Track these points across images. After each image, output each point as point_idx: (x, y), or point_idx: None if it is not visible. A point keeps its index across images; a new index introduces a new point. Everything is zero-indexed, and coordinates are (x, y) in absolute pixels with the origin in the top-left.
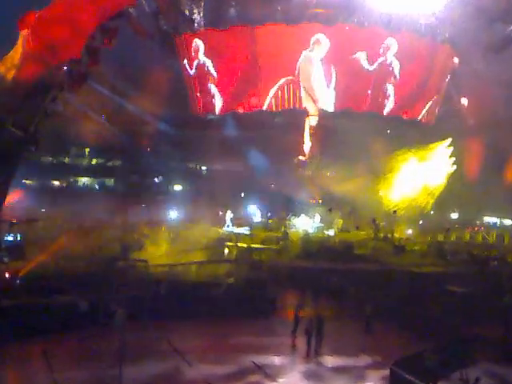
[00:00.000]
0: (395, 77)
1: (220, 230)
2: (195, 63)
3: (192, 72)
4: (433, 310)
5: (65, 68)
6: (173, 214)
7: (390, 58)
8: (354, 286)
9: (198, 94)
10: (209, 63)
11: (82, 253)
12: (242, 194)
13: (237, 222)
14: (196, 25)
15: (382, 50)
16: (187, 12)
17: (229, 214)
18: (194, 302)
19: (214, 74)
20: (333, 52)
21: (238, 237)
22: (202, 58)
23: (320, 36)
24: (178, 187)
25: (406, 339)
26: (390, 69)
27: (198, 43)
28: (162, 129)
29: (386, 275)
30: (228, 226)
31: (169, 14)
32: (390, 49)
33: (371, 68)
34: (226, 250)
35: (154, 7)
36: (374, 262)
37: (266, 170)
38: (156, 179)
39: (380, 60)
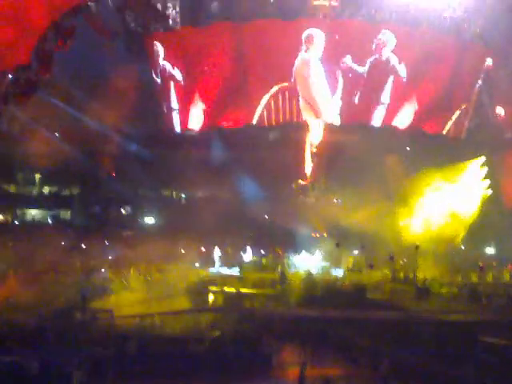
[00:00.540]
0: (414, 83)
1: (202, 272)
2: (168, 68)
3: (164, 79)
4: (466, 368)
5: (10, 76)
6: (144, 253)
7: (405, 60)
8: (368, 340)
9: (173, 106)
10: (185, 68)
11: (31, 303)
12: (229, 227)
13: (225, 261)
14: (170, 22)
15: (394, 50)
16: (160, 6)
17: (217, 252)
18: (171, 361)
19: (192, 81)
20: (338, 52)
21: (225, 279)
22: (176, 62)
23: (312, 32)
24: (150, 220)
25: None
26: (407, 74)
27: (172, 44)
28: (129, 148)
29: (406, 325)
30: (216, 267)
31: (137, 9)
32: (405, 49)
33: (384, 72)
34: (211, 297)
35: (120, 1)
36: (393, 308)
37: (259, 197)
38: (123, 210)
39: (394, 62)
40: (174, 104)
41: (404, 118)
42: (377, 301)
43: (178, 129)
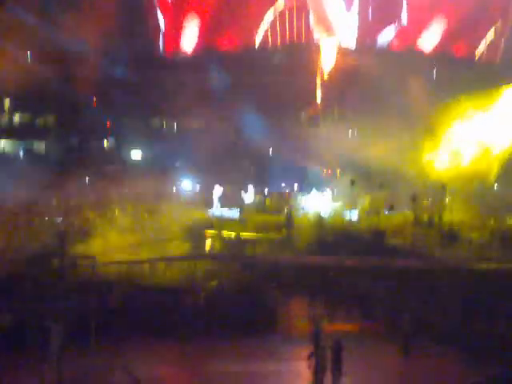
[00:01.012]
0: None
1: (197, 214)
2: None
3: None
4: (499, 323)
5: None
6: (131, 192)
7: None
8: (387, 291)
9: (163, 23)
10: None
11: (2, 247)
12: (228, 163)
13: (223, 201)
14: None
15: None
16: None
17: (216, 191)
18: (161, 315)
19: None
20: None
21: (223, 222)
22: None
23: None
24: (136, 153)
25: (461, 367)
26: None
27: None
28: (113, 71)
29: (431, 275)
30: (215, 208)
31: None
32: None
33: None
34: (207, 242)
35: None
36: (415, 256)
37: (262, 129)
38: (105, 142)
39: None
40: (163, 22)
41: (429, 39)
42: (397, 247)
43: (168, 51)
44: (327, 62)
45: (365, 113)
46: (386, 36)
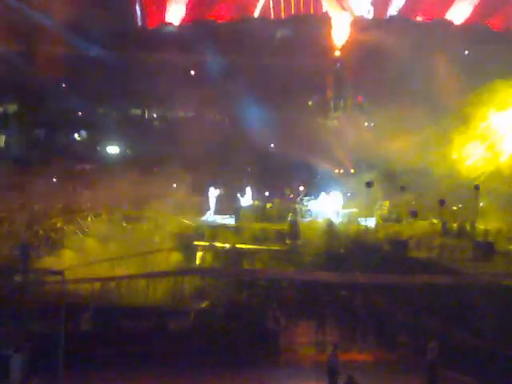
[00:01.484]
0: None
1: (186, 221)
2: None
3: None
4: None
5: None
6: (107, 195)
7: None
8: (409, 313)
9: None
10: None
11: None
12: (222, 160)
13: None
14: None
15: None
16: None
17: (213, 194)
18: (141, 340)
19: None
20: None
21: (216, 231)
22: None
23: None
24: (113, 148)
25: None
26: None
27: None
28: (85, 49)
29: (461, 293)
30: (209, 214)
31: None
32: None
33: None
34: (198, 254)
35: None
36: (443, 271)
37: (262, 120)
38: (77, 136)
39: None
40: None
41: (460, 10)
42: (421, 261)
43: (150, 24)
44: (340, 37)
45: (384, 101)
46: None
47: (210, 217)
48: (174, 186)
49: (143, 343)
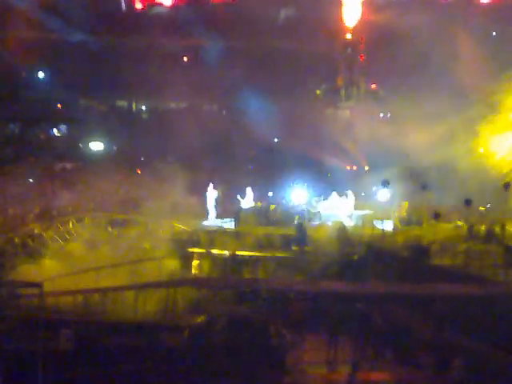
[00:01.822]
0: None
1: (179, 225)
2: None
3: None
4: None
5: None
6: (90, 197)
7: None
8: (432, 327)
9: None
10: None
11: None
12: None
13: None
14: None
15: None
16: None
17: (212, 195)
18: (130, 359)
19: None
20: None
21: (213, 237)
22: None
23: None
24: (98, 145)
25: None
26: None
27: None
28: (65, 33)
29: (491, 305)
30: (210, 217)
31: None
32: None
33: None
34: (194, 263)
35: None
36: (470, 280)
37: (265, 112)
38: (56, 131)
39: None
40: None
41: None
42: (445, 269)
43: (138, 5)
44: (351, 18)
45: (401, 88)
46: None
47: (211, 221)
48: (167, 186)
49: (131, 363)
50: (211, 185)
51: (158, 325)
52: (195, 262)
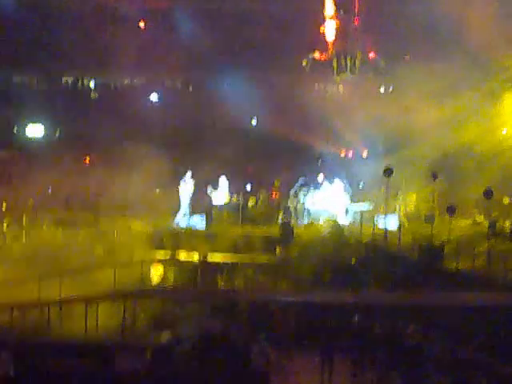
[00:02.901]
0: None
1: (137, 226)
2: None
3: None
4: None
5: None
6: (28, 191)
7: None
8: (448, 343)
9: None
10: None
11: None
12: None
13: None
14: None
15: None
16: None
17: (185, 189)
18: None
19: None
20: None
21: (179, 239)
22: None
23: None
24: (36, 129)
25: None
26: None
27: None
28: None
29: None
30: (181, 215)
31: None
32: None
33: None
34: (157, 269)
35: None
36: (492, 286)
37: (240, 87)
38: None
39: None
40: None
41: None
42: (463, 273)
43: None
44: None
45: (406, 57)
46: None
47: (182, 219)
48: (124, 178)
49: None
50: (188, 174)
51: (114, 344)
52: (158, 270)
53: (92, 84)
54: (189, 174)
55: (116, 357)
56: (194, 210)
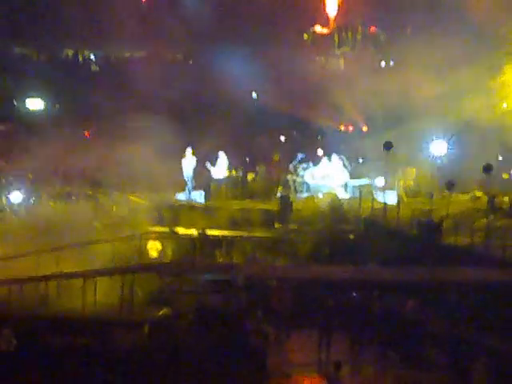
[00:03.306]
0: None
1: (136, 199)
2: None
3: None
4: None
5: None
6: (27, 165)
7: None
8: (447, 321)
9: None
10: None
11: None
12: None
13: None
14: None
15: None
16: None
17: (187, 163)
18: (77, 362)
19: None
20: None
21: (177, 213)
22: None
23: None
24: (36, 102)
25: None
26: None
27: None
28: None
29: None
30: (188, 192)
31: None
32: None
33: None
34: (155, 244)
35: None
36: (491, 262)
37: (240, 60)
38: None
39: None
40: None
41: None
42: (461, 249)
43: None
44: None
45: (407, 30)
46: None
47: (183, 194)
48: (124, 152)
49: (79, 366)
50: (189, 150)
51: (112, 320)
52: (157, 244)
53: (91, 57)
54: (189, 149)
55: (114, 332)
56: (194, 185)
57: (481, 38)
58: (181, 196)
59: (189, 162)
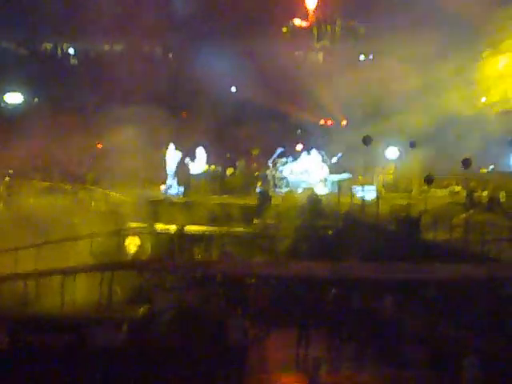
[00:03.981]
0: None
1: (119, 195)
2: None
3: None
4: None
5: None
6: (4, 159)
7: None
8: (428, 318)
9: None
10: None
11: None
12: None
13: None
14: None
15: None
16: None
17: (171, 158)
18: (51, 363)
19: None
20: None
21: (157, 209)
22: None
23: None
24: (15, 97)
25: None
26: None
27: None
28: None
29: (498, 288)
30: (171, 188)
31: None
32: None
33: None
34: (133, 241)
35: None
36: (470, 258)
37: (219, 54)
38: None
39: None
40: None
41: None
42: (440, 245)
43: None
44: None
45: (387, 24)
46: None
47: (163, 189)
48: (104, 146)
49: (54, 367)
50: (172, 145)
51: (90, 318)
52: (136, 240)
53: (70, 51)
54: (172, 144)
55: (92, 331)
56: (176, 180)
57: (461, 31)
58: (161, 191)
59: (172, 158)
